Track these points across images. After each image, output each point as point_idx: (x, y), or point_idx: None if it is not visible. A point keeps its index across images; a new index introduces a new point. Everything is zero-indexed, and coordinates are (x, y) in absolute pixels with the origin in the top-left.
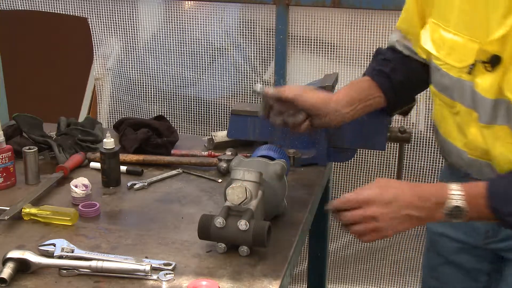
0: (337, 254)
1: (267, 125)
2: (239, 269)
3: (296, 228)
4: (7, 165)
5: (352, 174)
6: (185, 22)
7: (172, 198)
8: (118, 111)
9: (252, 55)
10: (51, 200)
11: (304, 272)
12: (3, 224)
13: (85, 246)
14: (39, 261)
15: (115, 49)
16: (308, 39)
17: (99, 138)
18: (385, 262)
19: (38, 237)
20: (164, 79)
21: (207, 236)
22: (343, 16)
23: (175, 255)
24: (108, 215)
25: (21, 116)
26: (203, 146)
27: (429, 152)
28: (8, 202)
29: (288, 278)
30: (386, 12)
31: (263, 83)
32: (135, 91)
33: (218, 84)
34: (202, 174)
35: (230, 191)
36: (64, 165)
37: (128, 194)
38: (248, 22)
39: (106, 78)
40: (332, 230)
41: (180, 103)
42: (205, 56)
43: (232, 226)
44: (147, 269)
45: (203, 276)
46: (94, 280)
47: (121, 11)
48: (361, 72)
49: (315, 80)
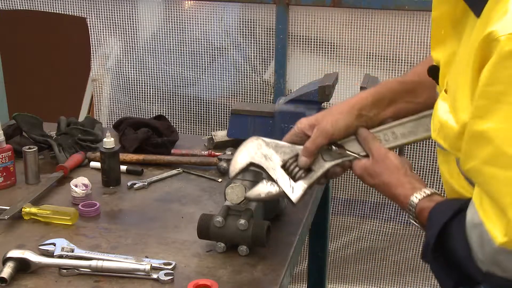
0: (337, 253)
1: (267, 124)
2: (239, 269)
3: (296, 228)
4: (7, 164)
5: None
6: (185, 22)
7: (172, 198)
8: (118, 111)
9: (252, 54)
10: (51, 199)
11: (304, 272)
12: (3, 224)
13: (85, 245)
14: (39, 261)
15: (114, 48)
16: (308, 38)
17: (99, 138)
18: (385, 262)
19: (38, 237)
20: (164, 78)
21: (207, 235)
22: (343, 16)
23: (175, 255)
24: (108, 214)
25: (21, 115)
26: (203, 146)
27: (429, 152)
28: (8, 201)
29: (288, 278)
30: (386, 12)
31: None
32: (135, 90)
33: (218, 83)
34: (202, 173)
35: (230, 191)
36: (64, 165)
37: (128, 194)
38: (248, 21)
39: (105, 78)
40: (332, 229)
41: (180, 102)
42: (205, 55)
43: (232, 226)
44: (147, 268)
45: (203, 276)
46: (94, 280)
47: (121, 10)
48: (361, 72)
49: (315, 79)
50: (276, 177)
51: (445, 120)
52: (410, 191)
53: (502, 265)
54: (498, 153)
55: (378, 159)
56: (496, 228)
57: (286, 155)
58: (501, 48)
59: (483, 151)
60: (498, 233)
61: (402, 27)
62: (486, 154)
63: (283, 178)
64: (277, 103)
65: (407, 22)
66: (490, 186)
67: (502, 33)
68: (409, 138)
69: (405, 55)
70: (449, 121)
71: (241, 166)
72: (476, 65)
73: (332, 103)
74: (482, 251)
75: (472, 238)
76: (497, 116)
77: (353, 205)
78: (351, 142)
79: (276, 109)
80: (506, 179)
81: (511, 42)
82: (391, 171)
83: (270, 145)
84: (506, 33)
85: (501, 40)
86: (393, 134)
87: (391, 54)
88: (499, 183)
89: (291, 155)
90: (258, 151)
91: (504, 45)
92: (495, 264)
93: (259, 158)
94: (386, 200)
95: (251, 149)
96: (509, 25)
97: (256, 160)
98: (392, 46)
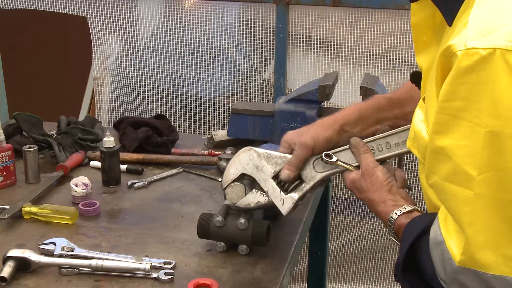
0: (337, 253)
1: (267, 124)
2: (239, 268)
3: (296, 227)
4: (7, 164)
5: None
6: (185, 21)
7: (172, 197)
8: (118, 110)
9: (252, 54)
10: (51, 199)
11: (304, 271)
12: (4, 223)
13: (85, 245)
14: (39, 260)
15: (115, 48)
16: (308, 38)
17: (99, 137)
18: (385, 262)
19: (38, 236)
20: (164, 78)
21: (207, 235)
22: (343, 15)
23: (175, 254)
24: (108, 214)
25: (21, 115)
26: (203, 145)
27: None
28: (8, 201)
29: (288, 277)
30: (386, 11)
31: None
32: (135, 90)
33: (218, 83)
34: (202, 173)
35: (229, 190)
36: (64, 164)
37: (128, 193)
38: (248, 21)
39: (106, 77)
40: (332, 229)
41: (180, 102)
42: (205, 55)
43: (232, 225)
44: (147, 268)
45: (203, 275)
46: (94, 279)
47: (121, 10)
48: (361, 71)
49: (315, 79)
50: (267, 189)
51: (418, 129)
52: (391, 208)
53: (463, 285)
54: (458, 171)
55: (365, 174)
56: (455, 246)
57: (278, 166)
58: (458, 63)
59: (444, 167)
60: (457, 251)
61: (402, 27)
62: (446, 170)
63: (273, 190)
64: (277, 102)
65: (407, 22)
66: (450, 202)
67: (460, 48)
68: (403, 148)
69: (405, 55)
70: (422, 131)
71: (233, 178)
72: (438, 78)
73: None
74: (444, 270)
75: (435, 256)
76: (456, 133)
77: (353, 205)
78: (345, 152)
79: (276, 109)
80: (464, 198)
81: (467, 58)
82: (376, 187)
83: (262, 156)
84: (463, 48)
85: (458, 55)
86: (386, 144)
87: (391, 53)
88: (458, 201)
89: (283, 165)
90: (250, 162)
91: (461, 61)
92: (456, 283)
93: (251, 170)
94: None
95: (243, 160)
96: (466, 40)
97: (248, 171)
98: (392, 46)
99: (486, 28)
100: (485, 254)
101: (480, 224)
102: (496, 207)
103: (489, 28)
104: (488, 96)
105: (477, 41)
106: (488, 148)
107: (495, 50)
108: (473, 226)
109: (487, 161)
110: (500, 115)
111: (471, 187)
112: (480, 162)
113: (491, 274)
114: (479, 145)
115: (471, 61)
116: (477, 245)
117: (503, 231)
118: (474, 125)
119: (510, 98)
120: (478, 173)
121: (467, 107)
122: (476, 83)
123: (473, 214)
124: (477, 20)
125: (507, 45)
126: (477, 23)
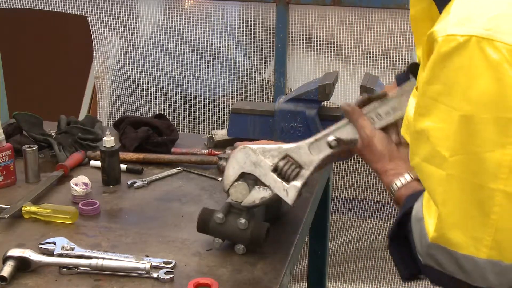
0: (337, 252)
1: (267, 123)
2: (239, 268)
3: (296, 227)
4: (7, 163)
5: (352, 173)
6: (185, 21)
7: (172, 197)
8: (118, 110)
9: (252, 53)
10: (51, 198)
11: (304, 271)
12: (4, 223)
13: (85, 244)
14: (39, 260)
15: (115, 47)
16: (308, 37)
17: (99, 137)
18: (385, 261)
19: (38, 236)
20: (164, 77)
21: (206, 229)
22: (343, 15)
23: (175, 254)
24: (108, 213)
25: (21, 114)
26: (203, 145)
27: None
28: (8, 200)
29: (288, 277)
30: (386, 11)
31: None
32: (135, 89)
33: (218, 82)
34: (202, 172)
35: (233, 190)
36: (64, 164)
37: (128, 193)
38: (248, 20)
39: (106, 77)
40: (332, 228)
41: (180, 101)
42: (205, 54)
43: (232, 224)
44: (147, 267)
45: (203, 275)
46: (94, 279)
47: (122, 9)
48: (361, 71)
49: (315, 78)
50: (268, 183)
51: (411, 116)
52: (391, 178)
53: (435, 260)
54: (433, 152)
55: (365, 146)
56: (430, 223)
57: (275, 158)
58: (439, 48)
59: (424, 148)
60: (432, 228)
61: (402, 26)
62: (425, 151)
63: (275, 183)
64: (277, 102)
65: (407, 21)
66: (427, 182)
67: (441, 34)
68: (395, 114)
69: (405, 54)
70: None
71: (233, 179)
72: (425, 63)
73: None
74: (420, 244)
75: (415, 231)
76: (434, 116)
77: (353, 204)
78: (343, 128)
79: (276, 108)
80: (438, 178)
81: (447, 44)
82: (377, 158)
83: (258, 151)
84: (444, 34)
85: (439, 41)
86: (377, 116)
87: (391, 52)
88: (433, 181)
89: (280, 157)
90: (247, 160)
91: (441, 46)
92: (430, 257)
93: (249, 167)
94: (386, 198)
95: (240, 159)
96: (447, 26)
97: (246, 170)
98: (392, 45)
99: (466, 16)
100: (456, 234)
101: (452, 205)
102: (467, 189)
103: (469, 16)
104: (462, 81)
105: (456, 27)
106: (460, 131)
107: (471, 38)
108: (445, 206)
109: (459, 144)
110: (472, 100)
111: (444, 167)
112: (453, 144)
113: (461, 253)
114: (453, 128)
115: (449, 47)
116: (449, 225)
117: (474, 215)
118: (450, 109)
119: (482, 84)
120: (450, 154)
121: (445, 91)
122: (453, 68)
123: (445, 194)
124: (459, 9)
125: (482, 33)
126: (459, 11)
